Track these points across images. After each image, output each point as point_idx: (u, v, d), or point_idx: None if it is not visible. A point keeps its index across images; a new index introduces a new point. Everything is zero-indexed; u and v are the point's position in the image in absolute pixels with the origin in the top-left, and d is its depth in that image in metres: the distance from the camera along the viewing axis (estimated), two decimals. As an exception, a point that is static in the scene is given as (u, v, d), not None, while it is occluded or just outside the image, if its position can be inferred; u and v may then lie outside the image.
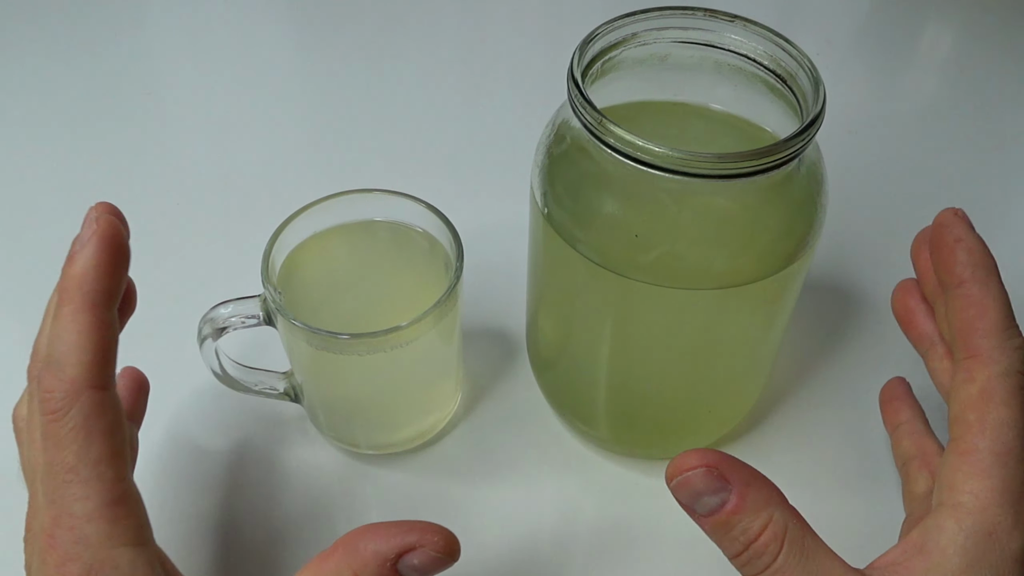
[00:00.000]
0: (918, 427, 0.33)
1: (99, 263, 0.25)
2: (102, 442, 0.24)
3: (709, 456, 0.24)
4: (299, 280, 0.33)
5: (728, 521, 0.23)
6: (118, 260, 0.26)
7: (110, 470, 0.24)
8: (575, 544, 0.34)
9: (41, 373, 0.24)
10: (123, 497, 0.24)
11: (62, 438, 0.23)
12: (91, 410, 0.24)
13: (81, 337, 0.24)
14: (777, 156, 0.25)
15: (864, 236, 0.47)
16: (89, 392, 0.24)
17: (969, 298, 0.27)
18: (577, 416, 0.37)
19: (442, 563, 0.24)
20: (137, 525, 0.24)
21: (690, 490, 0.23)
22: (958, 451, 0.25)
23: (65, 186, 0.50)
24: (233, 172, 0.51)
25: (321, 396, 0.35)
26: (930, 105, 0.58)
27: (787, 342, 0.41)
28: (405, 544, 0.23)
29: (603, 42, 0.29)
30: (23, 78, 0.57)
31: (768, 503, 0.24)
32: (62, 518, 0.23)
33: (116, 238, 0.26)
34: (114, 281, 0.25)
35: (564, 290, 0.32)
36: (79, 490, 0.23)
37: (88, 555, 0.23)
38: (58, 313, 0.25)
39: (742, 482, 0.24)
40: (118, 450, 0.24)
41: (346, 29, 0.63)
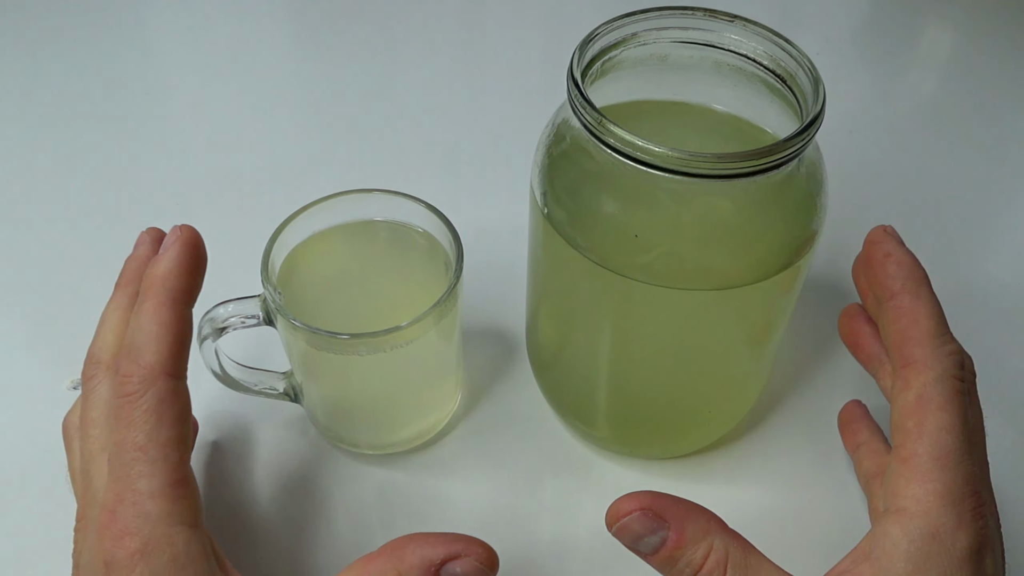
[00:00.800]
0: (877, 446, 0.33)
1: (181, 264, 0.28)
2: (171, 426, 0.25)
3: (643, 499, 0.25)
4: (299, 280, 0.33)
5: (672, 556, 0.24)
6: (198, 263, 0.28)
7: (176, 453, 0.25)
8: (575, 544, 0.34)
9: (120, 360, 0.26)
10: (185, 479, 0.25)
11: (135, 419, 0.25)
12: (164, 395, 0.25)
13: (161, 329, 0.26)
14: (777, 156, 0.25)
15: (864, 236, 0.47)
16: (164, 379, 0.26)
17: (901, 309, 0.27)
18: (577, 416, 0.37)
19: (483, 574, 0.25)
20: (194, 507, 0.25)
21: (631, 534, 0.25)
22: (899, 458, 0.26)
23: (65, 186, 0.50)
24: (233, 172, 0.51)
25: (321, 396, 0.35)
26: (930, 105, 0.58)
27: (786, 342, 0.41)
28: (450, 552, 0.25)
29: (603, 42, 0.29)
30: (23, 78, 0.57)
31: (707, 532, 0.25)
32: (126, 494, 0.24)
33: (197, 245, 0.29)
34: (193, 281, 0.28)
35: (564, 290, 0.32)
36: (146, 468, 0.25)
37: (147, 530, 0.24)
38: (140, 308, 0.27)
39: (678, 517, 0.25)
40: (184, 436, 0.26)
41: (346, 29, 0.63)
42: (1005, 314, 0.43)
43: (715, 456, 0.37)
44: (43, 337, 0.42)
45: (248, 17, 0.64)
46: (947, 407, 0.26)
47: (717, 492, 0.36)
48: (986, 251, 0.47)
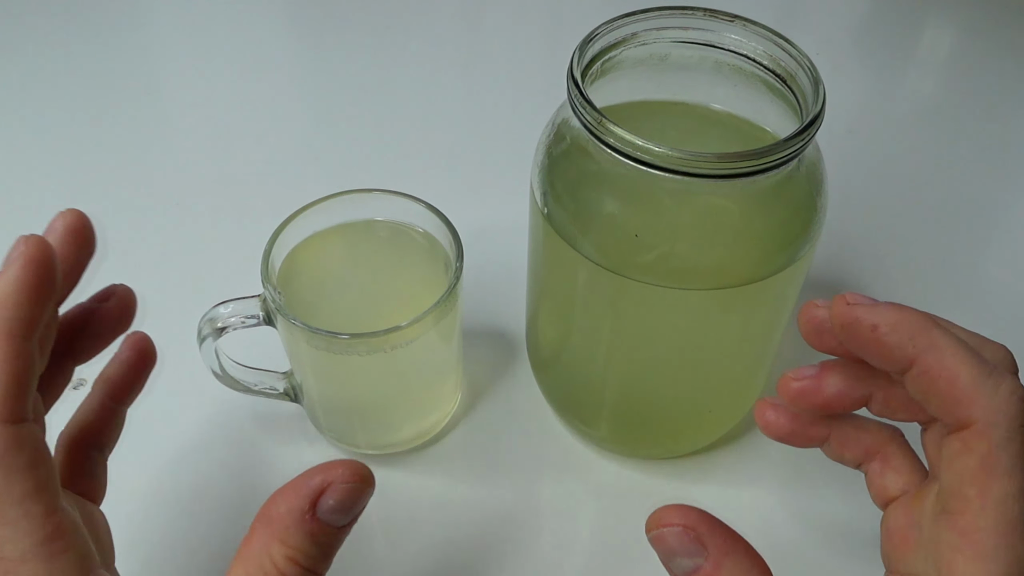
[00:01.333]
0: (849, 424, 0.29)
1: (19, 288, 0.22)
2: (24, 477, 0.22)
3: (690, 515, 0.22)
4: (299, 280, 0.33)
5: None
6: (43, 285, 0.23)
7: (37, 506, 0.22)
8: (575, 544, 0.34)
9: None
10: (56, 532, 0.22)
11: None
12: (6, 447, 0.22)
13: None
14: (777, 156, 0.25)
15: (864, 236, 0.47)
16: (2, 428, 0.22)
17: (929, 372, 0.23)
18: (577, 416, 0.37)
19: (359, 492, 0.23)
20: (78, 558, 0.23)
21: (666, 547, 0.23)
22: (958, 529, 0.23)
23: (65, 186, 0.50)
24: (233, 172, 0.51)
25: (321, 396, 0.35)
26: (930, 105, 0.58)
27: (787, 342, 0.41)
28: (313, 489, 0.22)
29: (603, 42, 0.29)
30: (23, 78, 0.57)
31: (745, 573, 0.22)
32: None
33: (43, 262, 0.23)
34: (35, 309, 0.23)
35: (564, 290, 0.32)
36: (7, 531, 0.22)
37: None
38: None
39: (720, 551, 0.22)
40: (43, 483, 0.22)
41: (346, 29, 0.63)
42: (1005, 314, 0.43)
43: (715, 456, 0.37)
44: (43, 337, 0.42)
45: (248, 17, 0.64)
46: (1013, 472, 0.22)
47: (717, 492, 0.36)
48: (986, 251, 0.47)
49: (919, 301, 0.36)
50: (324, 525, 0.22)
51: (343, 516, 0.23)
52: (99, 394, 0.29)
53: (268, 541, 0.22)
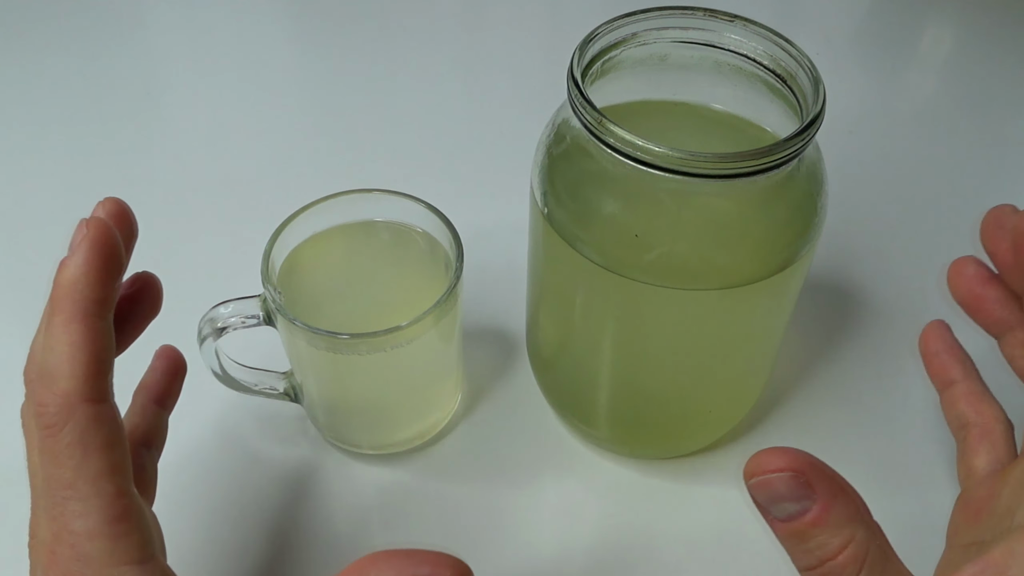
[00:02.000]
0: (975, 388, 0.30)
1: (89, 270, 0.24)
2: (100, 457, 0.23)
3: (798, 459, 0.21)
4: (299, 280, 0.33)
5: (806, 532, 0.21)
6: (110, 266, 0.24)
7: (110, 485, 0.23)
8: (575, 544, 0.34)
9: (35, 385, 0.23)
10: (125, 513, 0.23)
11: (59, 454, 0.23)
12: (87, 425, 0.23)
13: (73, 349, 0.23)
14: (777, 156, 0.25)
15: (864, 236, 0.47)
16: (84, 407, 0.23)
17: None
18: (577, 416, 0.37)
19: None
20: (141, 542, 0.23)
21: (770, 492, 0.21)
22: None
23: (65, 186, 0.50)
24: (233, 172, 0.51)
25: (321, 396, 0.35)
26: (930, 105, 0.58)
27: (787, 342, 0.41)
28: (419, 573, 0.23)
29: (603, 42, 0.29)
30: (23, 78, 0.57)
31: (852, 520, 0.21)
32: (62, 535, 0.23)
33: (108, 243, 0.24)
34: (107, 289, 0.24)
35: (564, 290, 0.32)
36: (78, 507, 0.23)
37: (89, 573, 0.22)
38: (49, 323, 0.24)
39: (828, 494, 0.21)
40: (118, 464, 0.23)
41: (346, 29, 0.63)
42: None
43: (715, 456, 0.37)
44: (43, 337, 0.42)
45: (248, 17, 0.64)
46: None
47: (717, 492, 0.36)
48: (986, 251, 0.47)
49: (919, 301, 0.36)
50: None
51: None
52: (141, 399, 0.31)
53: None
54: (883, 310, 0.43)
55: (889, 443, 0.38)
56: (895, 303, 0.43)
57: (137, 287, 0.27)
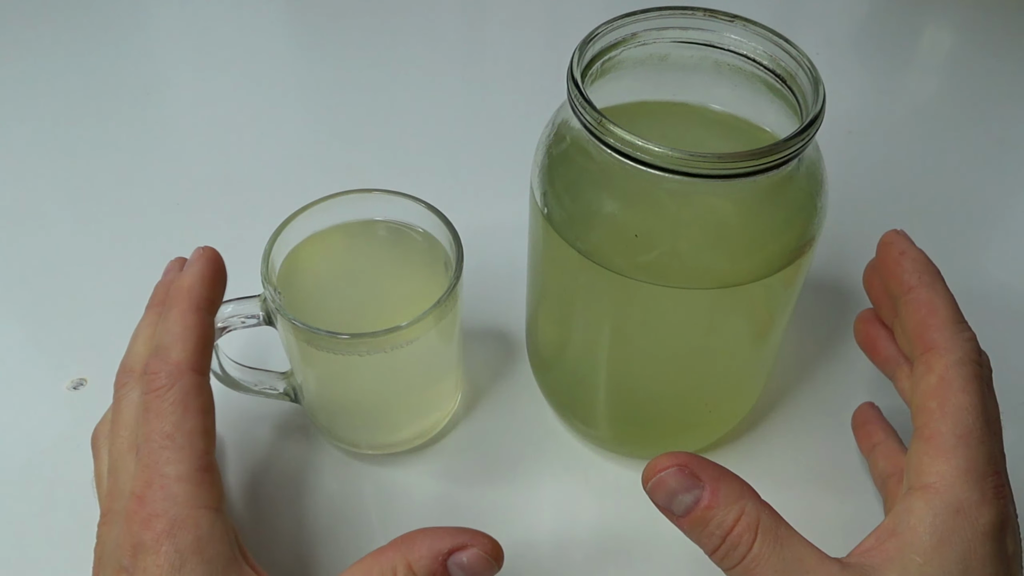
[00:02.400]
0: (892, 446, 0.34)
1: (204, 277, 0.30)
2: (196, 418, 0.27)
3: (679, 457, 0.25)
4: (299, 280, 0.33)
5: (703, 516, 0.25)
6: (219, 276, 0.31)
7: (201, 442, 0.27)
8: (575, 544, 0.34)
9: (149, 360, 0.28)
10: (210, 466, 0.27)
11: (163, 410, 0.27)
12: (190, 389, 0.27)
13: (186, 331, 0.28)
14: (777, 156, 0.25)
15: (864, 236, 0.47)
16: (190, 374, 0.27)
17: (919, 301, 0.29)
18: (577, 416, 0.37)
19: (488, 565, 0.26)
20: (218, 494, 0.27)
21: (665, 490, 0.25)
22: (922, 437, 0.26)
23: (65, 186, 0.50)
24: (233, 172, 0.51)
25: (321, 396, 0.35)
26: (930, 105, 0.58)
27: (787, 342, 0.41)
28: (457, 543, 0.26)
29: (603, 42, 0.29)
30: (23, 78, 0.57)
31: (740, 496, 0.25)
32: (154, 479, 0.26)
33: (218, 260, 0.31)
34: (216, 291, 0.30)
35: (564, 290, 0.32)
36: (173, 455, 0.26)
37: (174, 511, 0.25)
38: (167, 315, 0.29)
39: (713, 478, 0.25)
40: (209, 428, 0.28)
41: (346, 29, 0.63)
42: (1005, 314, 0.43)
43: (715, 456, 0.37)
44: (43, 337, 0.42)
45: (248, 17, 0.64)
46: (968, 388, 0.26)
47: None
48: (986, 251, 0.47)
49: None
50: (446, 572, 0.26)
51: (463, 574, 0.26)
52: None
53: (399, 559, 0.26)
54: (883, 310, 0.43)
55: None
56: (895, 303, 0.43)
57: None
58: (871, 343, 0.33)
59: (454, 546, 0.26)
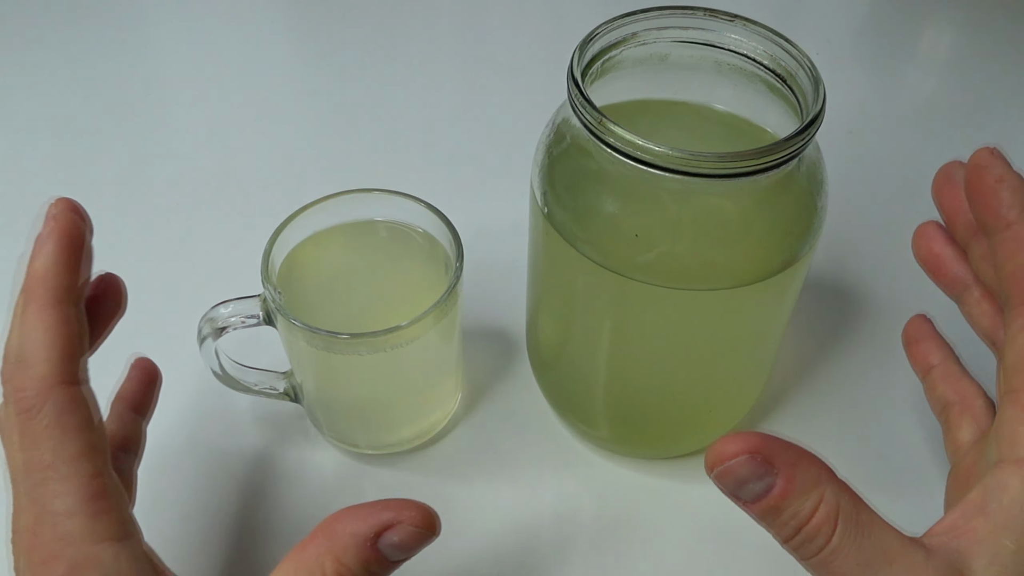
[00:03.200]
0: (953, 369, 0.31)
1: (59, 260, 0.25)
2: (77, 438, 0.24)
3: (751, 440, 0.22)
4: (299, 280, 0.33)
5: (777, 506, 0.22)
6: (79, 256, 0.25)
7: (88, 465, 0.24)
8: (575, 544, 0.34)
9: (12, 373, 0.24)
10: (102, 492, 0.24)
11: (37, 435, 0.23)
12: (64, 406, 0.24)
13: (48, 334, 0.24)
14: (777, 155, 0.25)
15: (864, 236, 0.47)
16: (60, 388, 0.24)
17: (1020, 241, 0.25)
18: (577, 416, 0.37)
19: (422, 537, 0.23)
20: (119, 520, 0.24)
21: (734, 478, 0.22)
22: (1019, 403, 0.23)
23: (65, 186, 0.50)
24: (233, 172, 0.51)
25: (321, 396, 0.35)
26: (930, 105, 0.58)
27: (787, 342, 0.41)
28: (382, 522, 0.23)
29: (603, 42, 0.29)
30: (23, 78, 0.57)
31: (818, 482, 0.22)
32: (43, 516, 0.23)
33: (75, 234, 0.25)
34: (76, 276, 0.25)
35: (564, 290, 0.32)
36: (58, 487, 0.23)
37: (71, 552, 0.23)
38: (24, 312, 0.24)
39: (788, 464, 0.22)
40: (95, 445, 0.24)
41: (346, 29, 0.63)
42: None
43: (715, 456, 0.37)
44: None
45: (248, 17, 0.64)
46: None
47: (717, 492, 0.36)
48: (986, 251, 0.47)
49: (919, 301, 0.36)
50: (380, 556, 0.23)
51: (401, 554, 0.23)
52: (119, 408, 0.31)
53: (323, 554, 0.23)
54: (883, 310, 0.43)
55: (888, 443, 0.38)
56: (895, 303, 0.43)
57: (101, 288, 0.28)
58: (935, 262, 0.29)
59: (380, 527, 0.23)
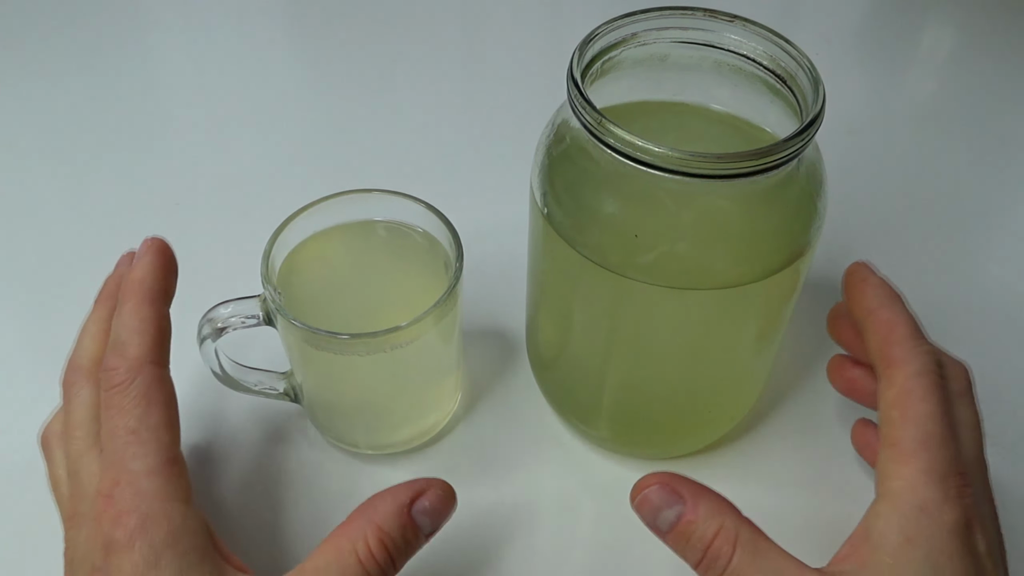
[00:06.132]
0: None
1: (155, 268, 0.30)
2: (160, 411, 0.27)
3: (662, 475, 0.27)
4: (299, 280, 0.33)
5: (686, 531, 0.26)
6: (170, 266, 0.30)
7: (166, 435, 0.27)
8: (575, 544, 0.34)
9: (107, 357, 0.28)
10: (176, 459, 0.27)
11: (125, 406, 0.26)
12: (151, 382, 0.27)
13: (143, 323, 0.28)
14: (777, 156, 0.25)
15: (864, 236, 0.47)
16: (150, 367, 0.27)
17: (880, 321, 0.30)
18: (577, 416, 0.37)
19: (449, 501, 0.28)
20: (187, 486, 0.27)
21: (650, 506, 0.26)
22: (887, 444, 0.28)
23: (65, 187, 0.50)
24: (233, 172, 0.51)
25: (321, 396, 0.35)
26: (930, 105, 0.58)
27: (787, 342, 0.41)
28: (414, 489, 0.27)
29: (603, 42, 0.29)
30: (24, 80, 0.57)
31: (719, 511, 0.26)
32: (121, 476, 0.26)
33: (167, 251, 0.31)
34: (168, 282, 0.30)
35: (564, 290, 0.32)
36: (139, 450, 0.26)
37: (144, 506, 0.25)
38: (120, 310, 0.29)
39: (693, 494, 0.26)
40: (173, 420, 0.27)
41: (346, 29, 0.63)
42: (1005, 313, 0.43)
43: (715, 456, 0.37)
44: (42, 339, 0.42)
45: (247, 17, 0.64)
46: (927, 397, 0.27)
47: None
48: (986, 251, 0.47)
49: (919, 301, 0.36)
50: (414, 523, 0.27)
51: (430, 520, 0.28)
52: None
53: (366, 525, 0.26)
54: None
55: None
56: (895, 303, 0.43)
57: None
58: (852, 384, 0.34)
59: (414, 494, 0.27)
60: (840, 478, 0.36)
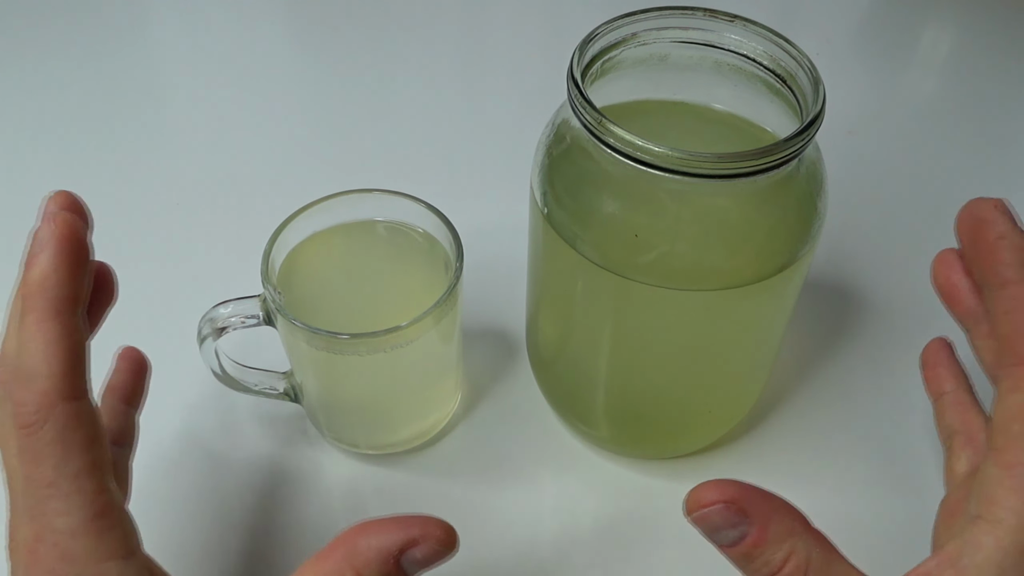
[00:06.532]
0: (963, 398, 0.31)
1: (59, 266, 0.24)
2: (80, 455, 0.23)
3: (727, 490, 0.23)
4: (299, 280, 0.33)
5: (749, 553, 0.23)
6: (79, 261, 0.24)
7: (91, 482, 0.23)
8: (575, 544, 0.34)
9: (12, 385, 0.23)
10: (106, 509, 0.23)
11: (39, 452, 0.23)
12: (66, 423, 0.23)
13: (50, 347, 0.23)
14: (777, 156, 0.25)
15: (864, 236, 0.47)
16: (63, 404, 0.23)
17: (1016, 300, 0.24)
18: (577, 416, 0.37)
19: (444, 555, 0.24)
20: (123, 536, 0.23)
21: (709, 524, 0.23)
22: (1001, 463, 0.24)
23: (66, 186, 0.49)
24: (233, 172, 0.51)
25: (321, 396, 0.35)
26: (930, 105, 0.58)
27: (787, 342, 0.41)
28: (408, 538, 0.23)
29: (603, 42, 0.29)
30: (24, 79, 0.57)
31: (790, 533, 0.23)
32: (44, 534, 0.22)
33: (75, 238, 0.24)
34: (77, 284, 0.24)
35: (564, 290, 0.32)
36: (60, 505, 0.22)
37: (74, 572, 0.22)
38: (23, 322, 0.23)
39: (762, 515, 0.23)
40: (98, 461, 0.23)
41: (346, 29, 0.63)
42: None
43: (715, 456, 0.37)
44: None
45: (247, 17, 0.64)
46: None
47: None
48: (986, 251, 0.47)
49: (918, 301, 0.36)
50: (401, 572, 0.23)
51: (422, 570, 0.23)
52: (110, 400, 0.31)
53: (345, 568, 0.23)
54: (883, 310, 0.43)
55: (888, 443, 0.38)
56: (895, 303, 0.43)
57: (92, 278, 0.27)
58: (952, 291, 0.29)
59: (405, 543, 0.23)
60: (840, 478, 0.36)
